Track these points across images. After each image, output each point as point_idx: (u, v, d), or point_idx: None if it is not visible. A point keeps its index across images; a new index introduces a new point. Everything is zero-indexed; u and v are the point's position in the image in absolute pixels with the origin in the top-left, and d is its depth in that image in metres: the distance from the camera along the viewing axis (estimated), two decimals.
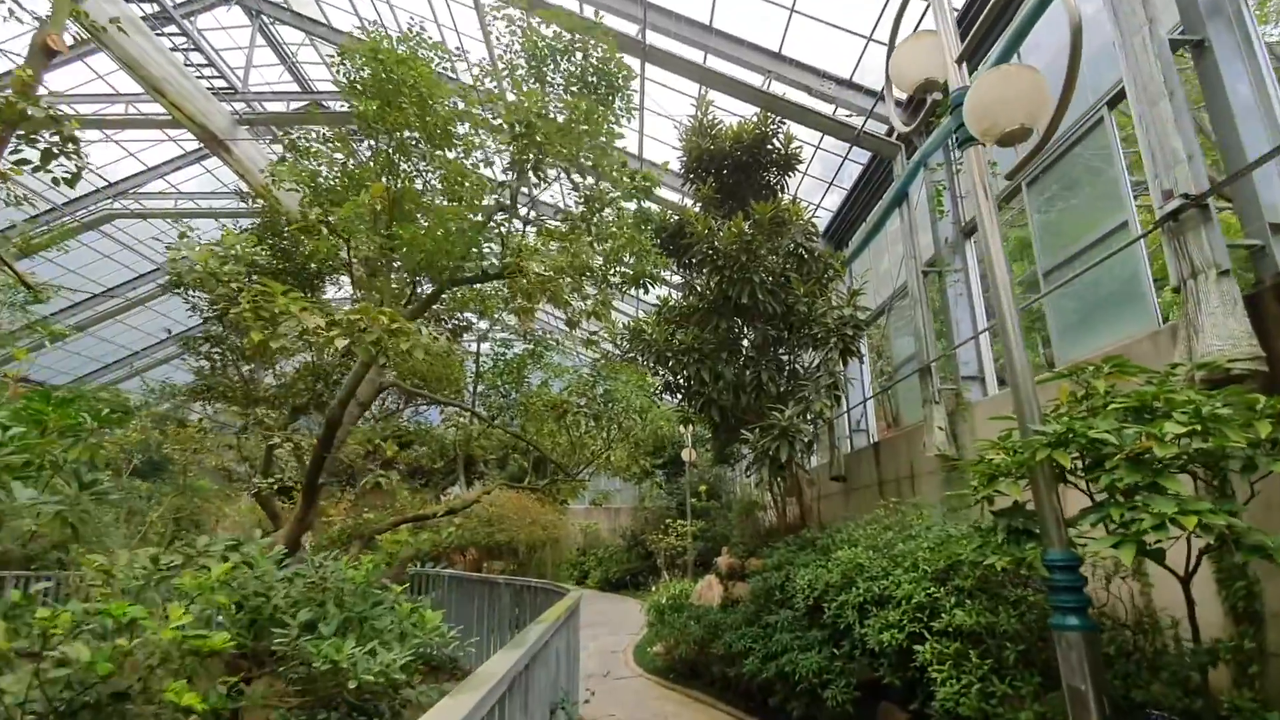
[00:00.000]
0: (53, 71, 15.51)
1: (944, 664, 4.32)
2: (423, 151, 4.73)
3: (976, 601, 4.48)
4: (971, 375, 7.83)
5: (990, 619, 4.26)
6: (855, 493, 10.97)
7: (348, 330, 2.82)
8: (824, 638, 6.42)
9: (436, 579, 11.08)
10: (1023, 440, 3.79)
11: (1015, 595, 4.51)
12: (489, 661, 2.63)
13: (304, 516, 3.98)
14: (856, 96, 8.85)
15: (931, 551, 5.31)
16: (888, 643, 5.01)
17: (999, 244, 4.15)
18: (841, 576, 6.13)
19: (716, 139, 9.92)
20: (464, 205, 3.90)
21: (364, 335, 2.84)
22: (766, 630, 7.22)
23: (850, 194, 10.83)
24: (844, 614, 5.80)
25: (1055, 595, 3.50)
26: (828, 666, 6.08)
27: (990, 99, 3.84)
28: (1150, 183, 4.71)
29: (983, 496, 4.02)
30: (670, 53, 9.19)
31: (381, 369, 4.63)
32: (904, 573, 5.40)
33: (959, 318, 8.06)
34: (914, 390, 9.60)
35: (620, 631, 13.27)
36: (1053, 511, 3.61)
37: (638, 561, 21.56)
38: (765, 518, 11.89)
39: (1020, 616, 4.30)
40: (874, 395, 11.43)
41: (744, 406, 8.82)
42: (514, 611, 8.70)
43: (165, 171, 17.77)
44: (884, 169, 9.56)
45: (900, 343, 10.39)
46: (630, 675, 9.69)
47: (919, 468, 8.62)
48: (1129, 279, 5.71)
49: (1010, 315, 3.98)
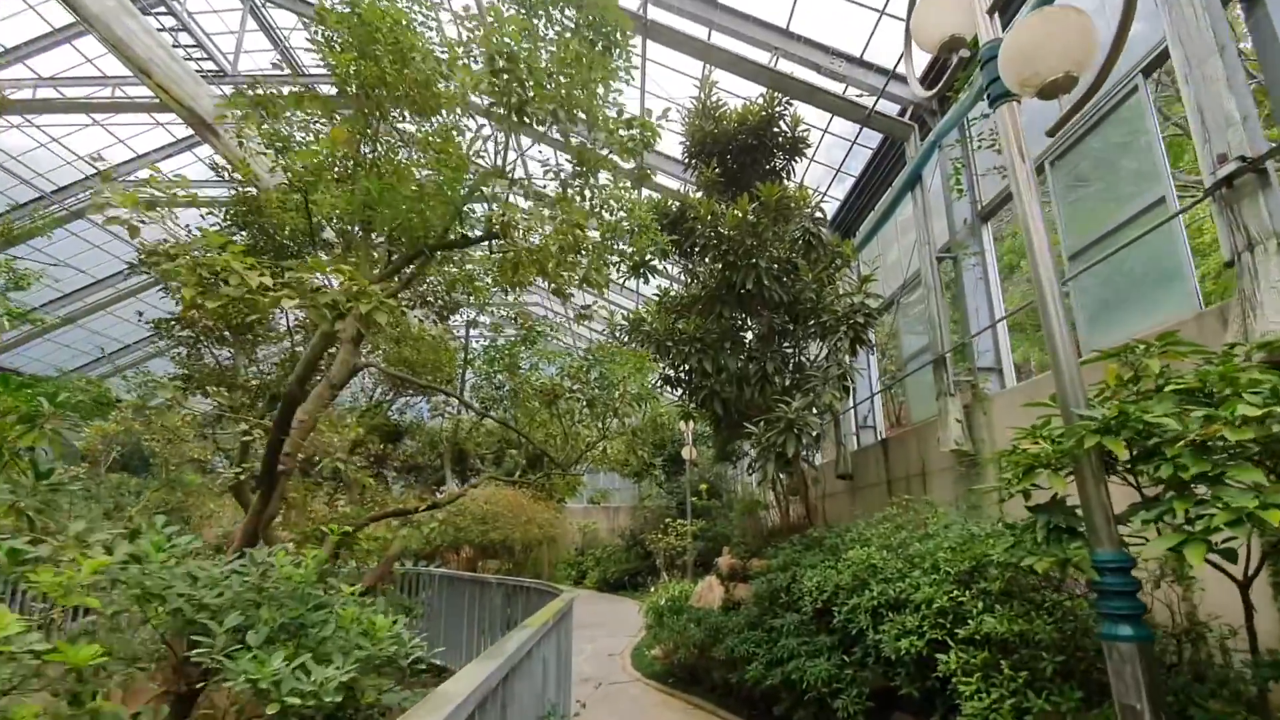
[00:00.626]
0: (41, 55, 15.18)
1: (971, 676, 3.90)
2: (404, 116, 4.34)
3: (1007, 607, 4.06)
4: (988, 366, 7.42)
5: (1024, 626, 3.84)
6: (861, 491, 10.56)
7: (299, 290, 2.43)
8: (833, 643, 6.01)
9: (427, 578, 10.69)
10: (1067, 426, 3.38)
11: (1049, 600, 4.10)
12: (455, 677, 2.22)
13: (262, 509, 3.57)
14: (868, 75, 8.44)
15: (953, 552, 4.90)
16: (905, 650, 4.60)
17: (1037, 210, 3.74)
18: (853, 578, 5.73)
19: (720, 121, 9.50)
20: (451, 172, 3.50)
21: (317, 296, 2.45)
22: (771, 635, 6.82)
23: (859, 180, 10.42)
24: (856, 618, 5.39)
25: (1106, 601, 3.09)
26: (838, 674, 5.67)
27: (1032, 44, 3.43)
28: (1199, 148, 4.30)
29: (1018, 490, 3.61)
30: (673, 29, 8.78)
31: (357, 348, 4.23)
32: (922, 575, 4.98)
33: (975, 306, 7.65)
34: (924, 385, 9.20)
35: (618, 633, 12.88)
36: (1101, 506, 3.20)
37: (636, 561, 21.16)
38: (767, 517, 11.49)
39: (1057, 624, 3.89)
40: (883, 390, 11.02)
41: (747, 400, 8.41)
42: (506, 612, 8.32)
43: (156, 159, 17.37)
44: (895, 152, 9.15)
45: (910, 336, 9.98)
46: (628, 680, 9.28)
47: (931, 464, 8.21)
48: (1166, 259, 5.30)
49: (1050, 288, 3.58)
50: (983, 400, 6.97)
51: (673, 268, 13.15)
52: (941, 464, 7.84)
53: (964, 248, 7.45)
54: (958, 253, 7.60)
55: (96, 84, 15.17)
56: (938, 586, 4.63)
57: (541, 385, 5.26)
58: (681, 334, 8.62)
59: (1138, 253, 5.53)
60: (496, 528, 13.66)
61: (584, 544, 24.10)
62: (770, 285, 7.93)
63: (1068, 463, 3.36)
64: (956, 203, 7.78)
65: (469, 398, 8.07)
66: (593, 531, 24.50)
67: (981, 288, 7.59)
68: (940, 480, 7.94)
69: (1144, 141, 5.53)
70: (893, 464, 9.40)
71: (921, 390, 9.42)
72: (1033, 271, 3.68)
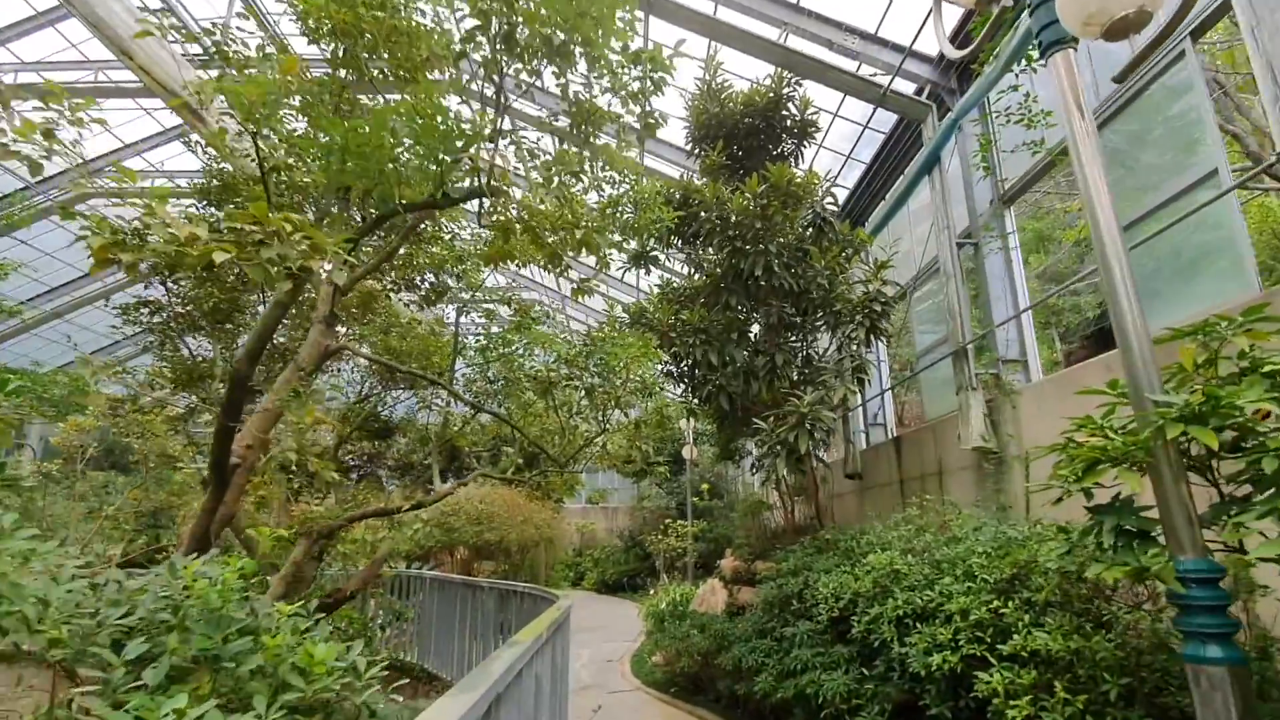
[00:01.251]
0: (21, 40, 14.70)
1: (1019, 698, 3.45)
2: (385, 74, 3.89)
3: (1059, 620, 3.61)
4: (1013, 359, 6.97)
5: (1080, 643, 3.39)
6: (871, 492, 10.12)
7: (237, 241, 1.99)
8: (851, 655, 5.57)
9: (418, 582, 10.23)
10: (1138, 415, 2.94)
11: (1106, 612, 3.66)
12: (424, 715, 1.77)
13: (213, 507, 3.12)
14: (883, 52, 7.99)
15: (988, 558, 4.45)
16: (937, 666, 4.15)
17: (1100, 170, 3.31)
18: (874, 585, 5.28)
19: (726, 104, 9.06)
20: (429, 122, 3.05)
21: (258, 250, 2.01)
22: (782, 644, 6.37)
23: (870, 166, 9.97)
24: (878, 629, 4.95)
25: (1190, 618, 2.66)
26: (857, 689, 5.22)
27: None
28: (1268, 106, 3.85)
29: (1078, 489, 3.16)
30: (677, 2, 8.32)
31: (330, 329, 3.78)
32: (954, 582, 4.54)
33: (997, 295, 7.21)
34: (940, 380, 8.76)
35: (617, 638, 12.43)
36: (1183, 506, 2.77)
37: (636, 563, 20.73)
38: (771, 518, 11.05)
39: (1118, 641, 3.44)
40: (896, 384, 10.57)
41: (754, 395, 7.96)
42: (499, 617, 7.87)
43: (144, 149, 16.88)
44: (910, 136, 8.70)
45: (924, 329, 9.54)
46: (627, 688, 8.84)
47: (949, 463, 7.76)
48: (1218, 237, 4.86)
49: (1117, 256, 3.14)
50: (1009, 394, 6.53)
51: (675, 264, 12.69)
52: (961, 462, 7.40)
53: (990, 229, 7.00)
54: (981, 237, 7.15)
55: (80, 68, 14.70)
56: (974, 596, 4.19)
57: (535, 373, 4.80)
58: (685, 325, 8.17)
59: (1184, 231, 5.09)
60: (492, 528, 13.19)
61: (582, 545, 23.66)
62: (780, 273, 7.48)
63: (1141, 456, 2.91)
64: (979, 184, 7.34)
65: (462, 392, 7.62)
66: (591, 532, 24.05)
67: (1004, 275, 7.15)
68: (959, 480, 7.50)
69: (1192, 111, 5.09)
70: (906, 463, 8.96)
71: (937, 385, 8.98)
72: (1095, 238, 3.24)
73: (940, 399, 8.69)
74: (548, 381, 4.84)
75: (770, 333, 8.00)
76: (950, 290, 7.29)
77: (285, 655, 1.63)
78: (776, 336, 8.05)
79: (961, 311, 7.19)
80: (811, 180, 8.40)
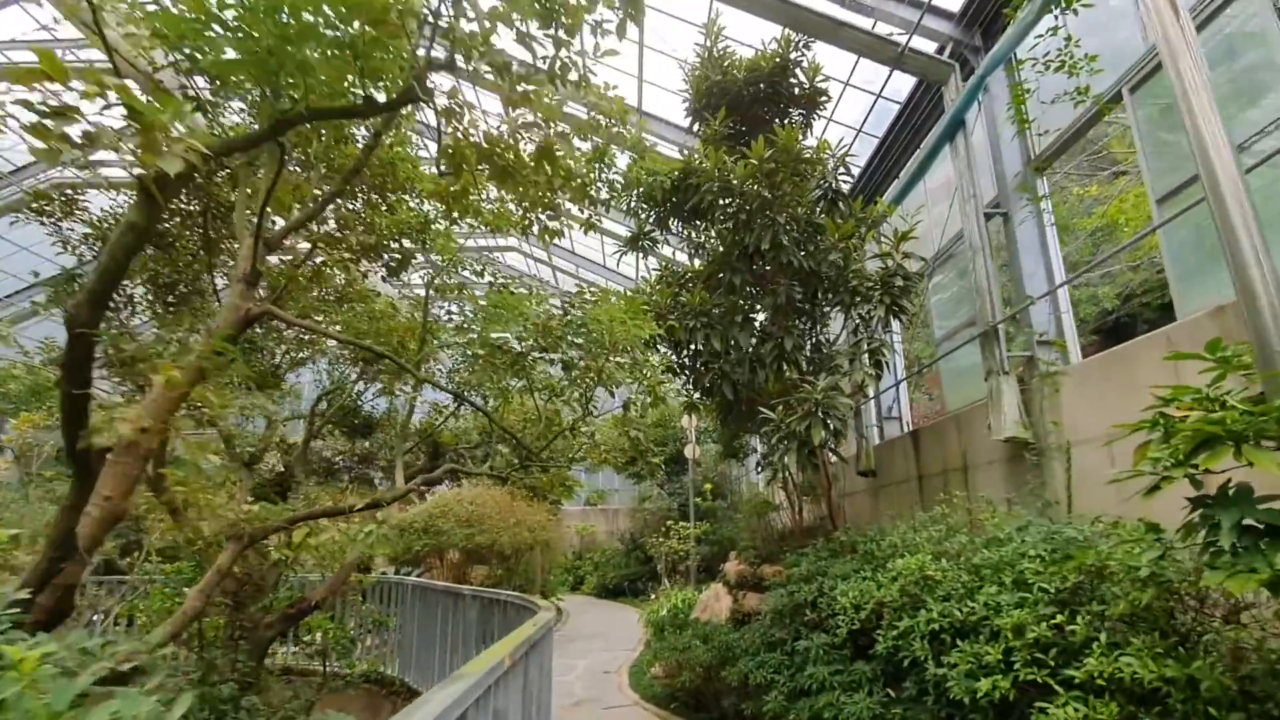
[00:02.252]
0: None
1: None
2: None
3: (1144, 639, 2.92)
4: (1048, 340, 6.28)
5: (1177, 670, 2.71)
6: (886, 489, 9.43)
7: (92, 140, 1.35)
8: (875, 674, 4.89)
9: (399, 590, 9.57)
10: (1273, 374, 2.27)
11: (1199, 629, 2.97)
12: None
13: (77, 502, 2.47)
14: (900, 8, 7.32)
15: (1043, 562, 3.76)
16: (984, 693, 3.46)
17: (1203, 78, 2.63)
18: (901, 594, 4.60)
19: (729, 71, 8.40)
20: None
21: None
22: (794, 659, 5.70)
23: (886, 136, 9.30)
24: (908, 645, 4.26)
25: None
26: (883, 714, 4.55)
27: None
28: None
29: (1181, 476, 2.48)
30: None
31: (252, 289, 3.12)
32: (1000, 591, 3.85)
33: (1030, 270, 6.53)
34: (962, 368, 8.08)
35: (615, 646, 11.76)
36: None
37: (636, 566, 20.04)
38: (778, 519, 10.35)
39: (1220, 666, 2.75)
40: (915, 372, 9.88)
41: (760, 384, 7.29)
42: (481, 627, 7.21)
43: None
44: (930, 100, 8.02)
45: (945, 312, 8.85)
46: (624, 703, 8.15)
47: (975, 457, 7.07)
48: None
49: (1231, 184, 2.46)
50: (1048, 378, 5.84)
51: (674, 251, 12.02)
52: (989, 455, 6.70)
53: (1026, 190, 6.31)
54: (1012, 205, 6.47)
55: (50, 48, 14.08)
56: (1030, 609, 3.50)
57: (502, 344, 4.10)
58: (685, 308, 7.50)
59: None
60: (483, 530, 12.51)
61: (581, 548, 22.98)
62: (790, 248, 6.80)
63: (1276, 430, 2.24)
64: (1009, 148, 6.65)
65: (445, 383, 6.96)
66: (590, 535, 23.37)
67: (1038, 248, 6.47)
68: (987, 475, 6.80)
69: (1262, 46, 4.40)
70: (925, 458, 8.26)
71: (959, 374, 8.30)
72: (1202, 165, 2.56)
73: (963, 388, 8.00)
74: (514, 353, 4.14)
75: (778, 315, 7.31)
76: (978, 265, 6.61)
77: None
78: (785, 319, 7.36)
79: (991, 289, 6.51)
80: (822, 150, 7.74)
